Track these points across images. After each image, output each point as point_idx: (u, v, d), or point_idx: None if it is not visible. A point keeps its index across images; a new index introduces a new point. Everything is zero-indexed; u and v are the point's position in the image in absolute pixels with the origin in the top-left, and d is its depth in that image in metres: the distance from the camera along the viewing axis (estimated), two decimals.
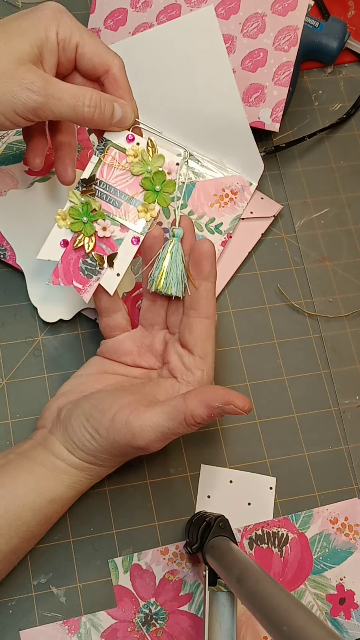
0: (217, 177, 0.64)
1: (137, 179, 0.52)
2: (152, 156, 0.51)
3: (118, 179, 0.52)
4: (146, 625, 0.51)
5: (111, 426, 0.46)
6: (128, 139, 0.51)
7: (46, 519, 0.48)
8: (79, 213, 0.52)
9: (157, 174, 0.51)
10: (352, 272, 0.65)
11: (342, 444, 0.59)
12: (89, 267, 0.52)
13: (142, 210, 0.52)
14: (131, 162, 0.51)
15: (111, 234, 0.52)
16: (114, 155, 0.52)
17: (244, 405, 0.45)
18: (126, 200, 0.52)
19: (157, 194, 0.52)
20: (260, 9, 0.62)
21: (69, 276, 0.52)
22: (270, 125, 0.64)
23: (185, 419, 0.45)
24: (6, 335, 0.58)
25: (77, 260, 0.52)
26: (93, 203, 0.51)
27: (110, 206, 0.52)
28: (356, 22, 0.75)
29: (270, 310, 0.62)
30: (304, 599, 0.54)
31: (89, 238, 0.52)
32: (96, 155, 0.52)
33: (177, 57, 0.61)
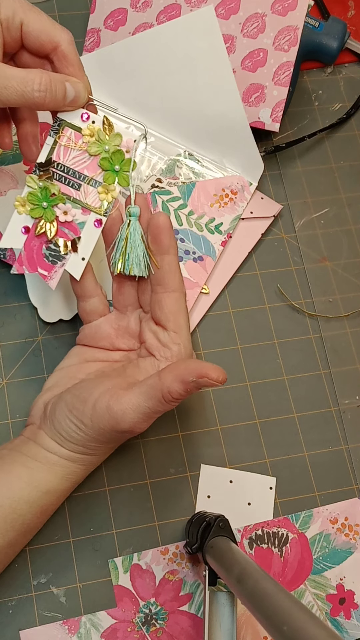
0: (217, 177, 0.64)
1: (95, 159, 0.50)
2: (109, 135, 0.49)
3: (75, 160, 0.50)
4: (146, 625, 0.51)
5: (94, 414, 0.46)
6: (83, 118, 0.49)
7: (42, 511, 0.48)
8: (38, 198, 0.50)
9: (115, 153, 0.49)
10: (352, 272, 0.65)
11: (342, 444, 0.59)
12: (53, 253, 0.51)
13: (103, 191, 0.50)
14: (88, 142, 0.49)
15: (73, 218, 0.50)
16: (70, 135, 0.49)
17: (218, 376, 0.44)
18: (85, 182, 0.50)
19: (116, 174, 0.50)
20: (260, 9, 0.62)
21: (33, 263, 0.51)
22: (270, 125, 0.64)
23: (163, 397, 0.45)
24: (6, 335, 0.58)
25: (40, 246, 0.51)
26: (52, 187, 0.50)
27: (69, 189, 0.50)
28: (356, 22, 0.75)
29: (270, 310, 0.62)
30: (304, 599, 0.54)
31: (50, 223, 0.50)
32: (51, 137, 0.50)
33: (177, 57, 0.61)
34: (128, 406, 0.45)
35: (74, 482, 0.50)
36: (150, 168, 0.64)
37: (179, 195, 0.63)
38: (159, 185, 0.63)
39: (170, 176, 0.64)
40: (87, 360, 0.53)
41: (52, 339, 0.58)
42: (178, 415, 0.58)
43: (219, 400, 0.59)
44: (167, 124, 0.64)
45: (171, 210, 0.62)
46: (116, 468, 0.55)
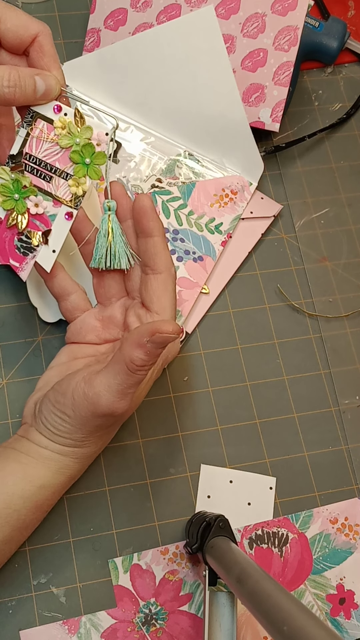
0: (217, 177, 0.64)
1: (66, 151, 0.49)
2: (80, 128, 0.49)
3: (47, 152, 0.50)
4: (146, 625, 0.51)
5: (74, 404, 0.46)
6: (55, 110, 0.49)
7: (37, 507, 0.48)
8: (10, 190, 0.50)
9: (85, 147, 0.49)
10: (352, 272, 0.65)
11: (342, 444, 0.59)
12: (25, 245, 0.51)
13: (73, 184, 0.50)
14: (59, 135, 0.49)
15: (44, 210, 0.50)
16: (42, 127, 0.49)
17: (171, 328, 0.44)
18: (57, 175, 0.50)
19: (87, 167, 0.49)
20: (260, 9, 0.62)
21: (5, 254, 0.52)
22: (270, 125, 0.64)
23: (128, 367, 0.45)
24: (6, 335, 0.58)
25: (12, 238, 0.51)
26: (23, 179, 0.50)
27: (41, 181, 0.50)
28: (356, 22, 0.75)
29: (270, 310, 0.62)
30: (304, 599, 0.54)
31: (21, 215, 0.50)
32: (24, 129, 0.50)
33: (177, 57, 0.61)
34: (100, 387, 0.45)
35: (69, 477, 0.50)
36: (150, 168, 0.64)
37: (179, 195, 0.63)
38: (159, 185, 0.63)
39: (170, 176, 0.64)
40: (76, 357, 0.53)
41: (52, 339, 0.58)
42: (178, 415, 0.58)
43: (219, 400, 0.59)
44: (167, 124, 0.64)
45: (171, 210, 0.62)
46: (116, 468, 0.55)
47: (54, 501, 0.50)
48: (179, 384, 0.58)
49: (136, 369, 0.45)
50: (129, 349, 0.45)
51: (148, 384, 0.53)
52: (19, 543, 0.49)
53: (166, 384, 0.58)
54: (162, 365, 0.54)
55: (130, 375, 0.45)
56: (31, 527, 0.49)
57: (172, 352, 0.55)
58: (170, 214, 0.62)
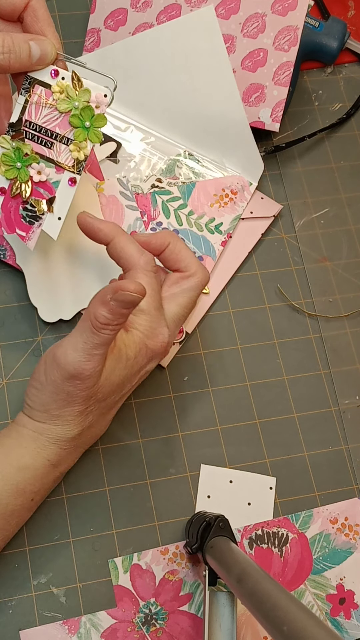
0: (217, 177, 0.64)
1: (66, 116, 0.49)
2: (78, 91, 0.48)
3: (47, 118, 0.49)
4: (146, 625, 0.51)
5: (45, 368, 0.47)
6: (52, 75, 0.48)
7: (18, 491, 0.47)
8: (11, 159, 0.50)
9: (84, 110, 0.48)
10: (352, 272, 0.65)
11: (342, 444, 0.59)
12: (30, 214, 0.51)
13: (75, 149, 0.49)
14: (57, 99, 0.48)
15: (47, 177, 0.50)
16: (40, 93, 0.49)
17: (133, 287, 0.44)
18: (58, 140, 0.49)
19: (87, 130, 0.49)
20: (260, 9, 0.62)
21: (12, 224, 0.51)
22: (270, 125, 0.64)
23: (93, 325, 0.45)
24: (6, 335, 0.58)
25: (17, 207, 0.51)
26: (24, 147, 0.49)
27: (42, 148, 0.50)
28: (356, 22, 0.75)
29: (270, 310, 0.62)
30: (304, 599, 0.54)
31: (25, 184, 0.50)
32: (22, 95, 0.49)
33: (177, 57, 0.61)
34: (67, 347, 0.46)
35: (49, 462, 0.48)
36: (150, 168, 0.64)
37: (179, 195, 0.63)
38: (159, 185, 0.63)
39: (170, 176, 0.64)
40: None
41: (52, 339, 0.58)
42: (178, 415, 0.58)
43: (219, 400, 0.59)
44: (167, 124, 0.64)
45: (171, 210, 0.62)
46: (116, 468, 0.55)
47: (38, 488, 0.48)
48: (179, 384, 0.58)
49: (100, 326, 0.45)
50: (94, 306, 0.45)
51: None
52: (5, 532, 0.48)
53: (166, 384, 0.58)
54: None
55: (95, 333, 0.45)
56: (16, 515, 0.48)
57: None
58: (170, 214, 0.62)
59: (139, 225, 0.61)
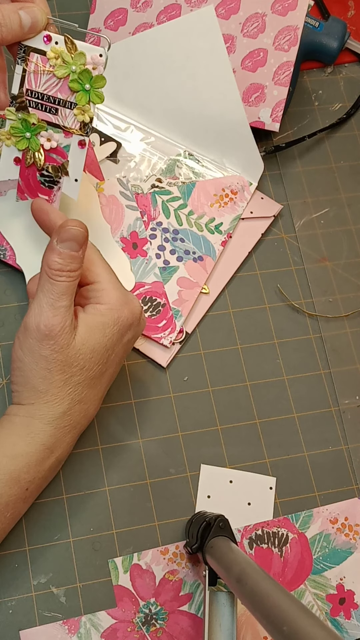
0: (217, 177, 0.64)
1: (65, 80, 0.49)
2: (73, 54, 0.48)
3: (47, 85, 0.50)
4: (146, 625, 0.51)
5: (20, 342, 0.48)
6: (45, 41, 0.49)
7: (12, 480, 0.46)
8: (20, 130, 0.51)
9: (82, 73, 0.49)
10: (352, 272, 0.65)
11: (342, 444, 0.59)
12: (48, 179, 0.53)
13: (79, 113, 0.50)
14: (54, 65, 0.49)
15: (57, 143, 0.51)
16: (36, 60, 0.49)
17: (74, 223, 0.47)
18: (61, 106, 0.50)
19: (88, 93, 0.49)
20: (261, 8, 0.62)
21: (33, 190, 0.53)
22: (270, 125, 0.64)
23: (48, 275, 0.47)
24: (6, 335, 0.58)
25: (34, 174, 0.53)
26: (30, 117, 0.51)
27: (48, 115, 0.51)
28: (356, 22, 0.75)
29: (270, 310, 0.62)
30: (304, 599, 0.54)
31: (37, 152, 0.52)
32: (19, 65, 0.49)
33: (177, 57, 0.61)
34: (33, 307, 0.48)
35: (43, 446, 0.48)
36: (150, 168, 0.64)
37: (179, 195, 0.63)
38: (159, 185, 0.63)
39: (170, 176, 0.64)
40: None
41: None
42: (178, 415, 0.58)
43: (219, 400, 0.59)
44: (167, 124, 0.64)
45: (171, 210, 0.62)
46: (116, 468, 0.55)
47: (32, 476, 0.48)
48: (179, 384, 0.58)
49: (55, 274, 0.46)
50: (45, 257, 0.47)
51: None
52: (1, 525, 0.48)
53: (166, 384, 0.58)
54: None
55: (53, 283, 0.47)
56: (12, 507, 0.47)
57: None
58: (170, 214, 0.62)
59: (139, 225, 0.61)
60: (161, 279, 0.60)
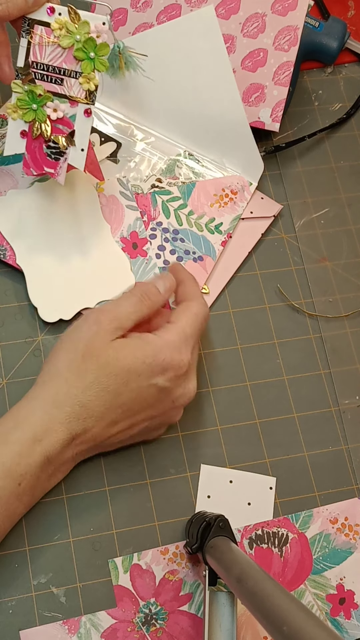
0: (217, 177, 0.64)
1: (70, 51, 0.51)
2: (77, 24, 0.50)
3: (52, 56, 0.51)
4: (146, 625, 0.51)
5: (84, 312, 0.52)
6: (49, 12, 0.50)
7: (4, 469, 0.46)
8: (26, 102, 0.52)
9: (87, 42, 0.50)
10: (352, 272, 0.65)
11: (342, 444, 0.59)
12: (54, 151, 0.53)
13: (84, 81, 0.51)
14: (59, 36, 0.50)
15: (63, 113, 0.52)
16: (41, 32, 0.51)
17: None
18: (67, 76, 0.51)
19: (93, 61, 0.51)
20: (261, 9, 0.62)
21: (39, 164, 0.54)
22: (270, 125, 0.64)
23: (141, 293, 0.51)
24: (6, 335, 0.58)
25: (40, 147, 0.53)
26: (36, 88, 0.52)
27: (53, 86, 0.52)
28: (356, 22, 0.75)
29: (270, 310, 0.62)
30: (304, 599, 0.54)
31: (44, 124, 0.52)
32: (24, 38, 0.51)
33: (177, 57, 0.61)
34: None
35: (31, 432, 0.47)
36: (150, 168, 0.64)
37: (179, 195, 0.63)
38: (159, 185, 0.63)
39: (170, 176, 0.64)
40: None
41: (52, 339, 0.58)
42: None
43: (219, 400, 0.59)
44: (167, 124, 0.64)
45: (171, 210, 0.62)
46: (116, 468, 0.55)
47: (25, 471, 0.47)
48: None
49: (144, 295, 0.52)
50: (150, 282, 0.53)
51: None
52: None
53: None
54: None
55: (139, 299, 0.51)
56: (4, 501, 0.47)
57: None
58: (170, 214, 0.62)
59: (139, 225, 0.61)
60: None
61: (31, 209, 0.60)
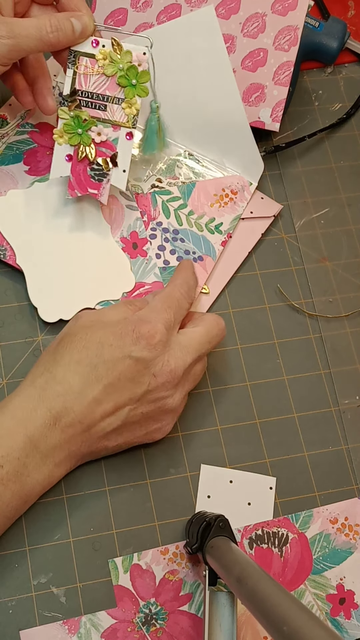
0: (217, 177, 0.64)
1: (113, 79, 0.55)
2: (120, 54, 0.54)
3: (96, 84, 0.55)
4: (146, 625, 0.51)
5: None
6: (93, 45, 0.55)
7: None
8: (72, 127, 0.56)
9: (129, 69, 0.54)
10: (352, 272, 0.65)
11: (342, 444, 0.59)
12: (97, 172, 0.57)
13: (126, 106, 0.55)
14: (103, 66, 0.54)
15: (107, 137, 0.56)
16: (85, 63, 0.55)
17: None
18: (110, 102, 0.55)
19: (134, 88, 0.55)
20: (261, 8, 0.62)
21: (83, 185, 0.57)
22: (270, 125, 0.64)
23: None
24: (6, 335, 0.58)
25: (84, 169, 0.57)
26: (82, 114, 0.55)
27: (97, 112, 0.56)
28: (356, 22, 0.75)
29: (270, 310, 0.62)
30: (304, 599, 0.54)
31: (89, 147, 0.56)
32: (70, 69, 0.55)
33: (177, 57, 0.61)
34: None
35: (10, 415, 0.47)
36: (150, 168, 0.64)
37: (179, 195, 0.63)
38: (159, 185, 0.63)
39: (170, 176, 0.64)
40: None
41: (52, 339, 0.58)
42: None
43: (219, 400, 0.59)
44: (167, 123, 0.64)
45: (171, 210, 0.62)
46: (116, 468, 0.55)
47: (7, 453, 0.46)
48: None
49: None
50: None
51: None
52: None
53: None
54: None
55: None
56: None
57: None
58: (170, 214, 0.62)
59: (139, 225, 0.61)
60: (161, 279, 0.60)
61: (31, 209, 0.60)
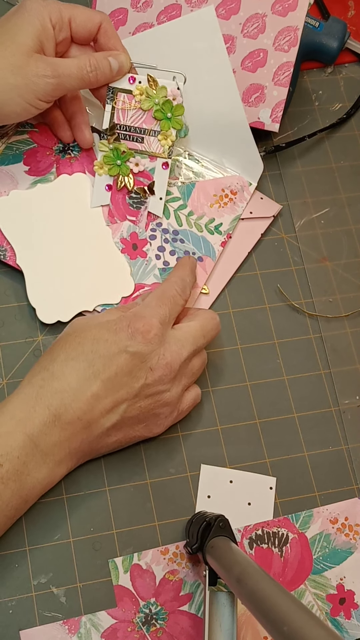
0: (216, 177, 0.64)
1: (149, 113, 0.59)
2: (156, 89, 0.58)
3: (133, 118, 0.59)
4: (146, 625, 0.51)
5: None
6: (130, 82, 0.58)
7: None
8: (111, 158, 0.60)
9: (165, 104, 0.58)
10: (352, 272, 0.65)
11: (342, 444, 0.59)
12: (135, 201, 0.61)
13: (162, 138, 0.59)
14: (139, 101, 0.58)
15: (144, 167, 0.60)
16: (123, 99, 0.59)
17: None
18: (146, 134, 0.59)
19: (170, 120, 0.59)
20: (261, 9, 0.62)
21: (122, 213, 0.61)
22: (270, 125, 0.64)
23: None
24: (6, 335, 0.58)
25: (123, 198, 0.61)
26: (120, 146, 0.59)
27: (135, 144, 0.60)
28: (356, 22, 0.75)
29: (270, 310, 0.62)
30: (304, 599, 0.54)
31: (127, 177, 0.60)
32: (108, 104, 0.59)
33: (177, 57, 0.61)
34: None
35: (9, 415, 0.48)
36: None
37: (178, 196, 0.63)
38: None
39: (170, 176, 0.64)
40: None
41: (52, 339, 0.58)
42: None
43: (219, 400, 0.59)
44: None
45: (171, 210, 0.62)
46: (116, 468, 0.55)
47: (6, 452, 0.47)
48: None
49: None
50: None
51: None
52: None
53: None
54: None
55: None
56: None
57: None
58: (170, 215, 0.62)
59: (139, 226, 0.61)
60: (161, 280, 0.60)
61: (32, 210, 0.60)
